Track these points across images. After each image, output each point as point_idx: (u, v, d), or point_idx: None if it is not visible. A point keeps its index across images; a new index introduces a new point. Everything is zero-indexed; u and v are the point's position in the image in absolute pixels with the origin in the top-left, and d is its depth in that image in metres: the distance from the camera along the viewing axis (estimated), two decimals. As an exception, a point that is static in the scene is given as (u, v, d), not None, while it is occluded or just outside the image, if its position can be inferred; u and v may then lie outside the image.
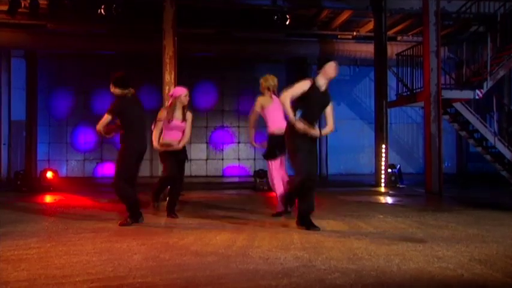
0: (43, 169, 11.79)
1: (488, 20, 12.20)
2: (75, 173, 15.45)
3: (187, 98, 6.32)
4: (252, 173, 13.08)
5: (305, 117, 5.24)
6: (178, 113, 6.26)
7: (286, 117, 5.50)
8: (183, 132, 6.31)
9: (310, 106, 5.31)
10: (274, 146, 6.27)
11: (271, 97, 6.41)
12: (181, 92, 6.32)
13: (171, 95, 6.44)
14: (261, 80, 6.54)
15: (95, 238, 4.98)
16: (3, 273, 3.60)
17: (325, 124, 5.56)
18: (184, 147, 6.41)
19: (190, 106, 6.54)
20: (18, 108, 14.71)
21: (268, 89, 6.44)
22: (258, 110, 6.37)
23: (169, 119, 6.21)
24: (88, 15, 12.51)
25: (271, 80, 6.50)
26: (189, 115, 6.36)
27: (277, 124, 6.20)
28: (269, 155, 6.38)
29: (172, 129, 6.25)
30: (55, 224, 6.00)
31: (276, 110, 6.25)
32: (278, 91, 6.00)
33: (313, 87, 5.34)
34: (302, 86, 5.30)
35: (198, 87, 15.65)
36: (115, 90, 5.83)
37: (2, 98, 14.46)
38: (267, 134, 6.44)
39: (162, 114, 6.32)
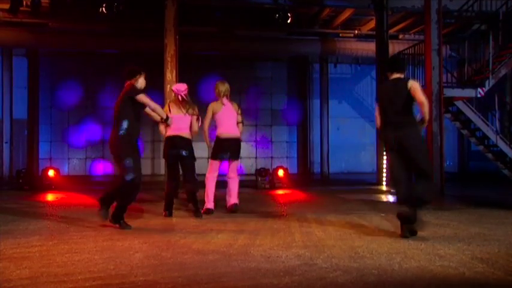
0: (45, 167, 11.82)
1: (490, 18, 12.16)
2: (77, 171, 15.46)
3: (185, 95, 6.49)
4: (253, 171, 13.07)
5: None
6: (178, 107, 6.44)
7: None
8: (190, 125, 6.50)
9: None
10: (218, 148, 6.73)
11: (222, 103, 6.75)
12: (180, 88, 6.54)
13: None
14: (215, 86, 6.88)
15: (97, 236, 4.99)
16: (6, 271, 3.61)
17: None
18: (187, 143, 6.51)
19: (195, 103, 6.67)
20: (20, 106, 14.71)
21: (220, 94, 6.77)
22: (210, 115, 6.80)
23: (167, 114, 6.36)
24: (89, 14, 12.50)
25: (221, 86, 6.81)
26: (192, 110, 6.50)
27: (224, 128, 6.68)
28: (212, 156, 6.87)
29: (176, 122, 6.32)
30: (57, 222, 6.01)
31: (225, 115, 6.72)
32: (277, 89, 6.13)
33: None
34: None
35: (199, 86, 15.64)
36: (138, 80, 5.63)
37: (4, 96, 14.47)
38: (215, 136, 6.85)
39: (166, 110, 6.41)
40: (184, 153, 6.44)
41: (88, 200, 8.53)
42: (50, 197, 9.44)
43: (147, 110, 5.69)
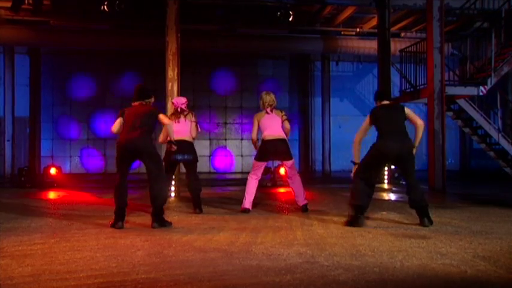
0: (46, 165, 11.82)
1: (493, 16, 12.13)
2: (79, 169, 15.49)
3: (184, 107, 6.82)
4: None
5: None
6: (177, 116, 6.78)
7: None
8: (189, 128, 6.77)
9: None
10: (263, 150, 6.72)
11: (266, 112, 6.87)
12: (179, 101, 6.91)
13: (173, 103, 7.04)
14: (260, 97, 7.06)
15: (99, 234, 5.00)
16: (8, 268, 3.62)
17: None
18: (191, 146, 6.72)
19: (196, 101, 6.84)
20: (21, 104, 14.72)
21: (264, 105, 6.92)
22: (256, 124, 6.91)
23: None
24: (91, 12, 12.50)
25: (265, 97, 6.96)
26: (191, 116, 6.83)
27: (268, 131, 6.70)
28: (256, 157, 6.83)
29: (177, 129, 6.60)
30: (59, 220, 6.02)
31: (269, 120, 6.78)
32: (278, 87, 6.22)
33: None
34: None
35: (201, 84, 15.66)
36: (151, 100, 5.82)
37: (5, 94, 14.48)
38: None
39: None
40: (188, 157, 6.68)
41: (89, 198, 8.55)
42: (52, 194, 9.46)
43: (167, 127, 5.83)
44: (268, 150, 6.63)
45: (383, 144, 5.62)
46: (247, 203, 6.68)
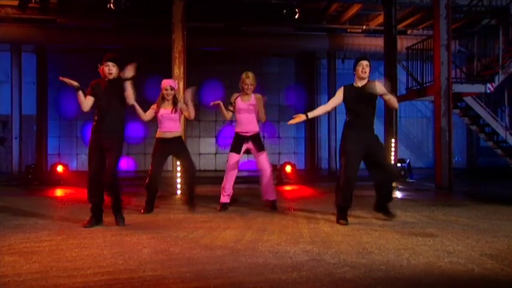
0: (53, 163, 11.90)
1: (500, 12, 12.05)
2: (85, 167, 15.50)
3: (167, 92, 6.52)
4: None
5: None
6: (166, 104, 6.52)
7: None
8: (178, 122, 6.60)
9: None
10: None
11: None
12: (164, 84, 6.60)
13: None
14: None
15: (105, 231, 5.02)
16: (16, 265, 3.64)
17: None
18: (178, 139, 6.62)
19: (201, 98, 6.79)
20: (28, 102, 14.81)
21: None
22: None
23: (156, 111, 6.53)
24: (97, 10, 12.54)
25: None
26: (180, 104, 6.60)
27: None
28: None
29: (165, 120, 6.50)
30: (65, 217, 6.05)
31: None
32: (284, 85, 6.17)
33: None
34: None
35: (206, 82, 15.66)
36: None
37: (13, 92, 14.57)
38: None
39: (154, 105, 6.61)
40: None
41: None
42: (59, 192, 9.51)
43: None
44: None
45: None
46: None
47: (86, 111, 5.56)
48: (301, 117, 5.72)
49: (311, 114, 5.84)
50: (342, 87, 5.78)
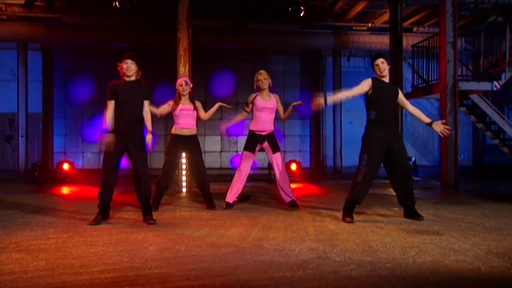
0: (59, 161, 11.95)
1: (507, 9, 11.98)
2: (91, 164, 15.61)
3: (183, 88, 6.55)
4: (266, 165, 13.08)
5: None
6: (184, 100, 6.56)
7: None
8: (195, 120, 6.64)
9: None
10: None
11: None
12: (179, 81, 6.69)
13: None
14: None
15: (111, 229, 5.04)
16: (23, 262, 3.67)
17: None
18: (194, 138, 6.62)
19: (207, 97, 6.81)
20: (35, 100, 14.87)
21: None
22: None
23: (172, 108, 6.56)
24: (103, 8, 12.56)
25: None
26: (197, 103, 6.68)
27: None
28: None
29: (183, 116, 6.52)
30: (72, 215, 6.08)
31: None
32: (290, 83, 6.14)
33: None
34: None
35: (212, 79, 15.67)
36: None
37: (19, 91, 14.64)
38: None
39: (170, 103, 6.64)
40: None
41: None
42: (65, 190, 9.55)
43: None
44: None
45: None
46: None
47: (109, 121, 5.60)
48: (320, 100, 5.64)
49: (330, 99, 5.74)
50: (370, 78, 5.73)
